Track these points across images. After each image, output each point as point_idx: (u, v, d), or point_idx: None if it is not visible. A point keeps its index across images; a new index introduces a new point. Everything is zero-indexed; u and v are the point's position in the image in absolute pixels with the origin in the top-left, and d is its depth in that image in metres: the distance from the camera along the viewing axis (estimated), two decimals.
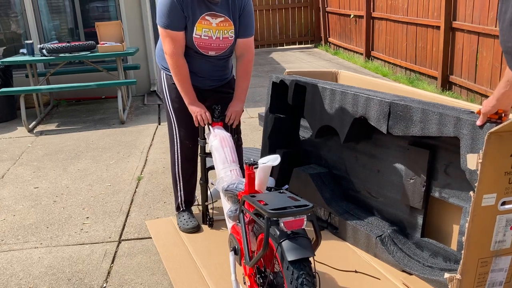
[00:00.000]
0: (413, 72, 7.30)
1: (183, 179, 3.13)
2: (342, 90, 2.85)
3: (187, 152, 3.07)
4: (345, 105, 2.84)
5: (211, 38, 2.73)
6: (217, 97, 3.07)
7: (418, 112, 2.40)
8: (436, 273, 2.40)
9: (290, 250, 1.75)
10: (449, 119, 2.23)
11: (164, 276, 2.70)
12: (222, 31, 2.75)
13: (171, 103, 2.98)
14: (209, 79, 2.96)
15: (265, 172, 2.20)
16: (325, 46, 11.18)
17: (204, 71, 2.91)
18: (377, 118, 2.63)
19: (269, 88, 3.43)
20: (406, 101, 2.52)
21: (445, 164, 2.47)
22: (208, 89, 3.01)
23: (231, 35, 2.79)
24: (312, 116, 3.11)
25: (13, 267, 2.89)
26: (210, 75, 2.95)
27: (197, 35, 2.71)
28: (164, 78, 2.99)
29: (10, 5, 6.77)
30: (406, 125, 2.48)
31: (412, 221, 2.66)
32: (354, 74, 3.71)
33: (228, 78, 3.07)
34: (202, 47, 2.76)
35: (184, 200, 3.18)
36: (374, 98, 2.63)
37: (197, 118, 2.83)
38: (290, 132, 3.49)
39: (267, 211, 1.76)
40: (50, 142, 5.28)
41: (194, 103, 2.84)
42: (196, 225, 3.09)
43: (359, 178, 3.00)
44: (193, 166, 3.14)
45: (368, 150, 2.92)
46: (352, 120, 2.79)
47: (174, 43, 2.71)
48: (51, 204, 3.73)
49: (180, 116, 2.98)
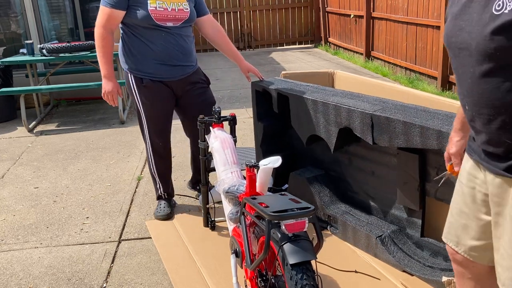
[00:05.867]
0: (413, 72, 7.30)
1: (159, 175, 3.34)
2: (323, 101, 2.79)
3: (158, 149, 3.25)
4: (328, 116, 2.79)
5: (167, 10, 2.90)
6: (190, 90, 3.18)
7: (400, 124, 2.37)
8: (437, 273, 2.40)
9: (291, 253, 1.75)
10: (431, 132, 2.22)
11: (164, 276, 2.70)
12: (177, 3, 2.94)
13: (140, 103, 3.11)
14: (178, 66, 3.06)
15: (266, 174, 2.20)
16: (325, 46, 11.18)
17: (168, 50, 2.99)
18: (361, 129, 2.59)
19: (253, 97, 3.41)
20: (387, 112, 2.47)
21: (436, 167, 2.46)
22: (179, 79, 3.10)
23: (186, 8, 2.98)
24: (299, 126, 3.07)
25: (13, 267, 2.89)
26: (178, 57, 3.03)
27: (152, 7, 2.88)
28: (132, 79, 3.07)
29: (10, 5, 6.76)
30: (390, 136, 2.45)
31: (411, 221, 2.66)
32: (350, 75, 3.70)
33: (194, 65, 3.18)
34: (159, 18, 2.90)
35: (162, 192, 3.39)
36: (356, 110, 2.59)
37: (106, 96, 3.03)
38: (281, 136, 3.47)
39: (268, 214, 1.76)
40: (50, 142, 5.28)
41: (110, 78, 3.02)
42: (167, 213, 3.30)
43: (355, 179, 3.00)
44: (165, 163, 3.33)
45: (360, 153, 2.91)
46: (338, 130, 2.76)
47: (110, 20, 2.92)
48: (51, 204, 3.73)
49: (149, 115, 3.13)
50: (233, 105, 6.39)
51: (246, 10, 11.30)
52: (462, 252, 1.63)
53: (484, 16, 1.25)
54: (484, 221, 1.52)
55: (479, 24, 1.26)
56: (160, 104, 3.11)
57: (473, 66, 1.31)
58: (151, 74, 3.03)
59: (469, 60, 1.32)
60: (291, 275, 1.74)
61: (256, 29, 11.48)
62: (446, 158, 1.81)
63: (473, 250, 1.60)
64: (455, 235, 1.64)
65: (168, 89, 3.11)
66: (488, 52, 1.24)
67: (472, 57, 1.30)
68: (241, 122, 5.51)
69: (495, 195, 1.40)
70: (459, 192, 1.61)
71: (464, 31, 1.33)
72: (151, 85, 3.04)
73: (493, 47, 1.22)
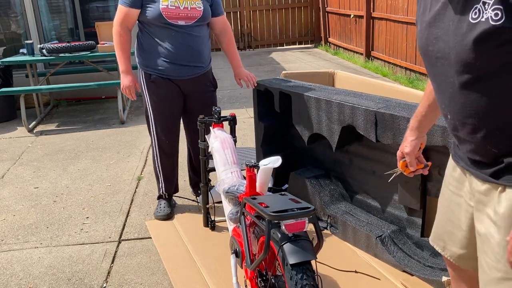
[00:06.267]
0: (413, 72, 7.30)
1: (163, 174, 3.33)
2: (327, 99, 2.80)
3: (164, 147, 3.24)
4: (331, 114, 2.79)
5: (179, 8, 2.93)
6: (197, 93, 3.18)
7: (404, 121, 2.37)
8: (436, 273, 2.40)
9: (291, 253, 1.75)
10: (436, 128, 2.22)
11: (164, 276, 2.70)
12: (190, 2, 2.96)
13: (148, 98, 3.13)
14: (186, 66, 3.05)
15: (266, 174, 2.20)
16: (325, 46, 11.18)
17: (176, 49, 3.00)
18: (364, 127, 2.60)
19: (254, 96, 3.41)
20: (392, 109, 2.48)
21: (438, 166, 2.46)
22: (187, 79, 3.09)
23: (199, 6, 2.98)
24: (301, 124, 3.07)
25: (13, 267, 2.89)
26: (186, 57, 3.03)
27: (163, 5, 2.91)
28: (142, 74, 3.11)
29: (10, 5, 6.76)
30: (394, 134, 2.45)
31: (411, 221, 2.66)
32: (351, 75, 3.70)
33: (205, 67, 3.16)
34: (169, 17, 2.92)
35: (164, 192, 3.38)
36: (360, 107, 2.59)
37: (125, 90, 3.10)
38: (282, 136, 3.47)
39: (268, 214, 1.76)
40: (50, 142, 5.28)
41: (127, 72, 3.08)
42: (167, 213, 3.31)
43: (355, 179, 3.00)
44: (171, 162, 3.32)
45: (361, 152, 2.91)
46: (341, 128, 2.76)
47: (126, 18, 3.01)
48: (51, 204, 3.73)
49: (156, 112, 3.14)
50: (233, 105, 6.39)
51: (246, 10, 11.30)
52: (449, 257, 1.61)
53: (460, 24, 1.21)
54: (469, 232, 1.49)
55: (457, 33, 1.22)
56: (167, 101, 3.11)
57: (453, 76, 1.27)
58: (159, 71, 3.05)
59: (448, 69, 1.29)
60: (291, 275, 1.74)
61: (256, 29, 11.48)
62: (399, 156, 1.79)
63: (459, 257, 1.58)
64: (441, 240, 1.62)
65: (176, 87, 3.11)
66: (468, 62, 1.20)
67: (451, 67, 1.27)
68: (241, 122, 5.51)
69: (481, 203, 1.37)
70: (446, 198, 1.58)
71: (441, 40, 1.29)
72: (159, 81, 3.06)
73: (473, 57, 1.18)
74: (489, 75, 1.19)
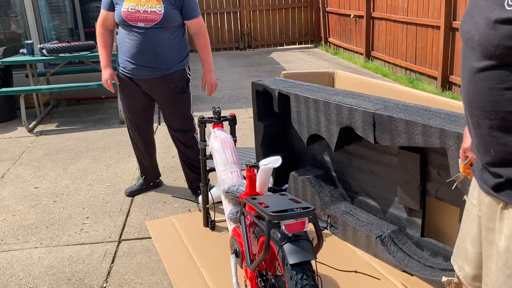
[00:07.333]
0: (413, 72, 7.30)
1: (137, 158, 3.71)
2: (325, 101, 2.79)
3: (134, 137, 3.57)
4: (330, 115, 2.79)
5: (138, 12, 3.13)
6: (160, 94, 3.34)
7: (402, 123, 2.37)
8: (437, 273, 2.40)
9: (291, 253, 1.75)
10: (433, 130, 2.22)
11: (164, 276, 2.70)
12: (150, 5, 3.14)
13: (119, 93, 3.58)
14: (144, 67, 3.23)
15: (266, 174, 2.20)
16: (325, 46, 11.17)
17: (135, 49, 3.20)
18: (363, 128, 2.59)
19: (253, 97, 3.41)
20: (390, 111, 2.47)
21: (437, 167, 2.46)
22: (145, 79, 3.27)
23: (160, 10, 3.14)
24: (300, 125, 3.07)
25: (13, 267, 2.89)
26: (143, 58, 3.20)
27: (124, 9, 3.15)
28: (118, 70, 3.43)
29: (10, 5, 6.76)
30: (392, 135, 2.45)
31: (411, 221, 2.66)
32: (351, 75, 3.70)
33: (163, 69, 3.26)
34: (129, 19, 3.15)
35: (140, 173, 3.78)
36: (358, 109, 2.59)
37: (105, 83, 3.39)
38: (281, 136, 3.47)
39: (268, 214, 1.76)
40: (50, 142, 5.28)
41: (106, 67, 3.39)
42: (131, 190, 3.78)
43: (355, 179, 3.00)
44: (141, 153, 3.64)
45: (360, 153, 2.91)
46: (339, 129, 2.76)
47: (105, 20, 3.32)
48: (51, 204, 3.73)
49: (124, 107, 3.49)
50: (233, 105, 6.39)
51: (246, 10, 11.29)
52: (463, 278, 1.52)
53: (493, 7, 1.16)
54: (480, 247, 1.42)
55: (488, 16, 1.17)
56: (129, 98, 3.40)
57: (473, 60, 1.23)
58: (123, 69, 3.32)
59: (471, 53, 1.24)
60: (291, 275, 1.74)
61: (256, 29, 11.48)
62: (462, 156, 1.57)
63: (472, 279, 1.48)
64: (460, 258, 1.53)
65: (137, 86, 3.33)
66: (488, 48, 1.16)
67: (474, 50, 1.22)
68: (241, 122, 5.51)
69: (486, 218, 1.32)
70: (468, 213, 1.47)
71: (473, 19, 1.23)
72: (123, 79, 3.36)
73: (494, 45, 1.14)
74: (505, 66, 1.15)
